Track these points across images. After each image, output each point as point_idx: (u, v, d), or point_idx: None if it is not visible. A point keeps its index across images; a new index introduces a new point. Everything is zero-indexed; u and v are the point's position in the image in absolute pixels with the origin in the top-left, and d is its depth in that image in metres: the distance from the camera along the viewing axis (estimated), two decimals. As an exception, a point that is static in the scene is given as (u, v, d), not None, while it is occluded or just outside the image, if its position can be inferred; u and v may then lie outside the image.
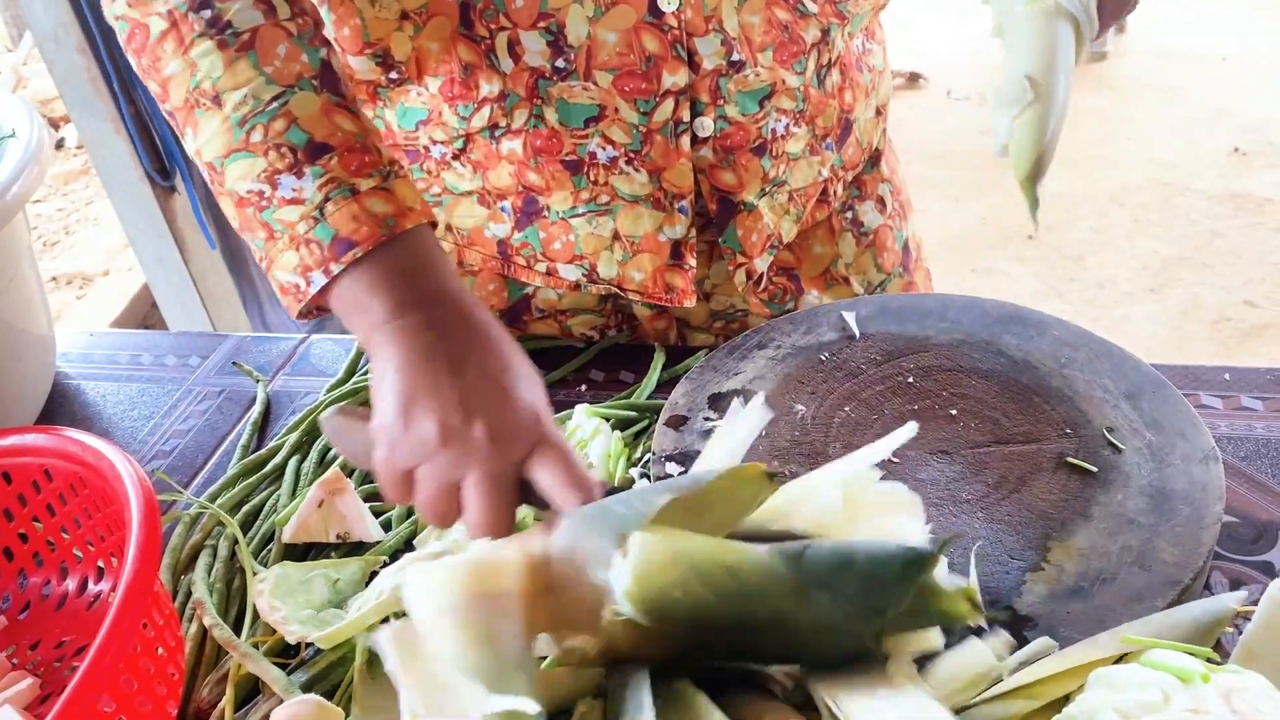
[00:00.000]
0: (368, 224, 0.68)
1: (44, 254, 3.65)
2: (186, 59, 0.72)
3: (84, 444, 0.73)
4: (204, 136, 0.72)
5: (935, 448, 0.78)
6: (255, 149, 0.70)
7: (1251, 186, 3.65)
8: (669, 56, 0.84)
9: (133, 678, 0.61)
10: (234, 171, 0.71)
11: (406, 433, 0.63)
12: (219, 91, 0.71)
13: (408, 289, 0.68)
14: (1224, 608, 0.62)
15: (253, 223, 0.72)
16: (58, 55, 2.34)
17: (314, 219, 0.69)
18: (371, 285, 0.68)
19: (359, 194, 0.69)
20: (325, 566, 0.75)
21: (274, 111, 0.70)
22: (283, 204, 0.70)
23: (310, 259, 0.69)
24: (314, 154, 0.70)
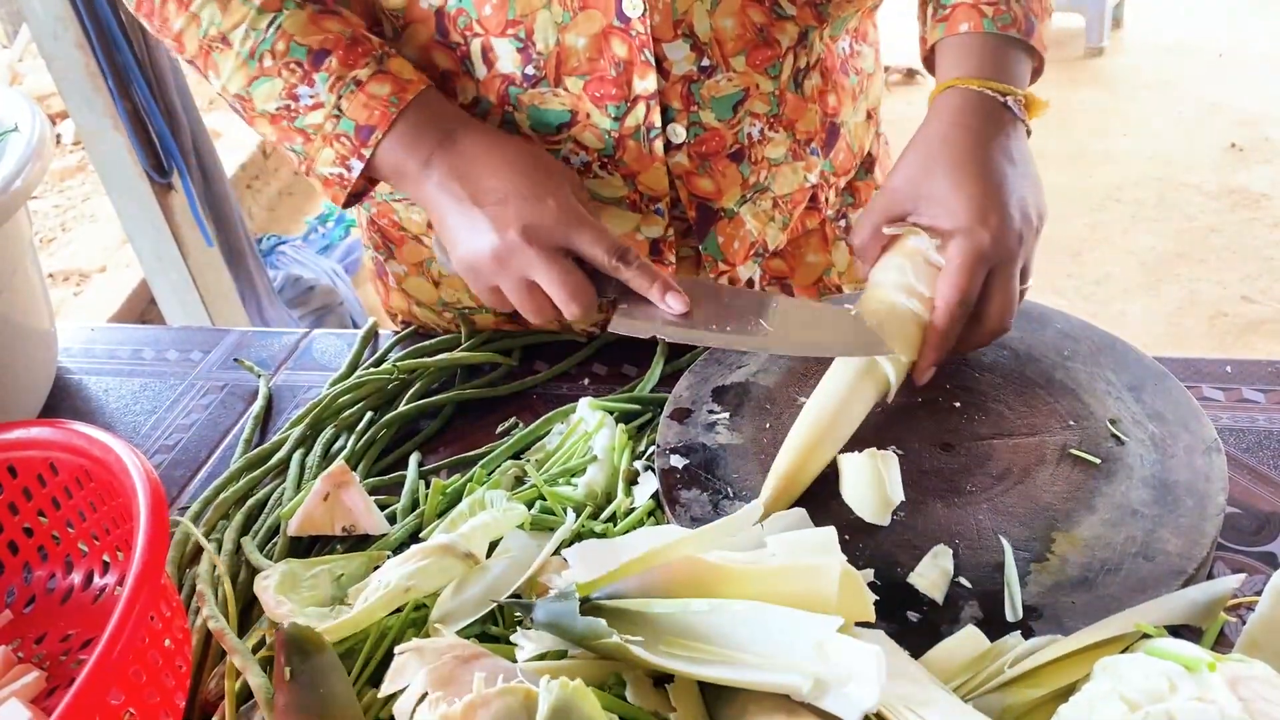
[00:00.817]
0: (378, 107, 0.81)
1: (41, 251, 3.64)
2: (189, 13, 0.83)
3: (90, 437, 0.73)
4: (226, 74, 0.84)
5: (939, 440, 0.78)
6: (270, 72, 0.82)
7: (1248, 182, 3.65)
8: (638, 61, 0.84)
9: (141, 670, 0.61)
10: (260, 95, 0.83)
11: (471, 266, 0.81)
12: (224, 33, 0.82)
13: (429, 145, 0.81)
14: (1222, 590, 0.63)
15: (289, 132, 0.84)
16: (55, 51, 2.33)
17: (335, 116, 0.82)
18: (400, 154, 0.82)
19: (362, 84, 0.82)
20: (330, 562, 0.75)
21: (273, 37, 0.82)
22: (307, 111, 0.82)
23: (344, 150, 0.82)
24: (316, 62, 0.82)
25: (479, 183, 0.80)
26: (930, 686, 0.58)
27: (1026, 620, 0.65)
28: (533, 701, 0.51)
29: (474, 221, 0.79)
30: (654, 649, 0.55)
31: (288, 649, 0.64)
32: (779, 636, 0.54)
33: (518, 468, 0.84)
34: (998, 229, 0.76)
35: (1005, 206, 0.77)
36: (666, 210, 0.92)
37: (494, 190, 0.79)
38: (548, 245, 0.77)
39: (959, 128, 0.80)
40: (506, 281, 0.79)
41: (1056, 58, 4.63)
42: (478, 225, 0.79)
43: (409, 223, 1.01)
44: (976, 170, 0.78)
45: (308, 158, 0.84)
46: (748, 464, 0.78)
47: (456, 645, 0.57)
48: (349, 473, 0.81)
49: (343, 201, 0.85)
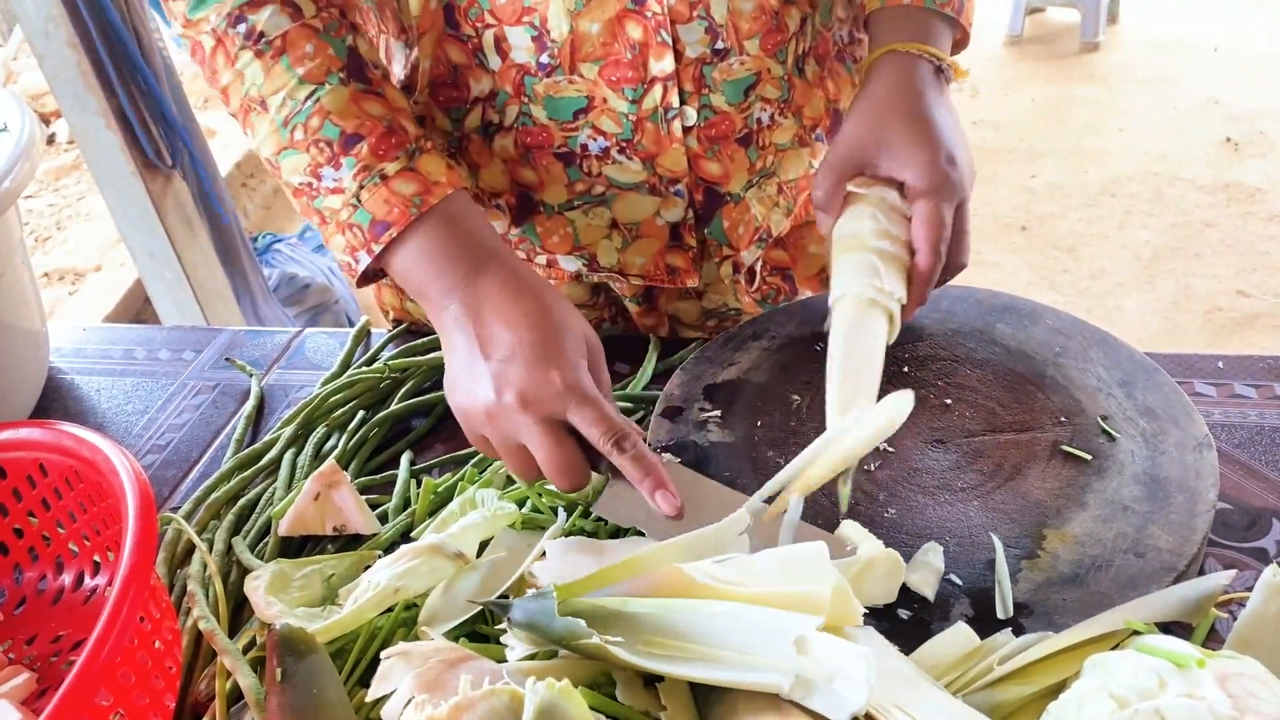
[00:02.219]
0: (399, 205, 0.77)
1: (36, 250, 3.64)
2: (234, 70, 0.80)
3: (79, 438, 0.73)
4: (259, 137, 0.81)
5: (930, 437, 0.78)
6: (299, 146, 0.78)
7: (1242, 176, 3.65)
8: (654, 43, 0.84)
9: (130, 671, 0.61)
10: (286, 166, 0.80)
11: (464, 413, 0.75)
12: (264, 97, 0.79)
13: (455, 275, 0.76)
14: (1212, 586, 0.63)
15: (308, 210, 0.81)
16: (48, 49, 2.33)
17: (352, 206, 0.78)
18: (423, 274, 0.77)
19: (387, 178, 0.77)
20: (321, 562, 0.75)
21: (309, 110, 0.78)
22: (327, 193, 0.78)
23: (355, 241, 0.78)
24: (347, 146, 0.77)
25: (490, 329, 0.74)
26: (921, 684, 0.58)
27: (1017, 617, 0.65)
28: (519, 703, 0.51)
29: (475, 371, 0.74)
30: (634, 649, 0.55)
31: (279, 650, 0.63)
32: (760, 634, 0.54)
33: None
34: (955, 173, 0.81)
35: (955, 153, 0.81)
36: (687, 192, 0.93)
37: (502, 344, 0.73)
38: (543, 415, 0.71)
39: (906, 87, 0.84)
40: (495, 437, 0.73)
41: (1052, 53, 4.64)
42: (478, 376, 0.73)
43: None
44: (928, 124, 0.82)
45: (324, 238, 0.82)
46: (739, 462, 0.78)
47: (443, 648, 0.57)
48: (340, 472, 0.81)
49: (356, 285, 0.83)
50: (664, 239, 0.94)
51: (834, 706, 0.51)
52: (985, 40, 4.82)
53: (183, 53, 0.84)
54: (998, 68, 4.61)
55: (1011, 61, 4.66)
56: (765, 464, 0.77)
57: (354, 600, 0.68)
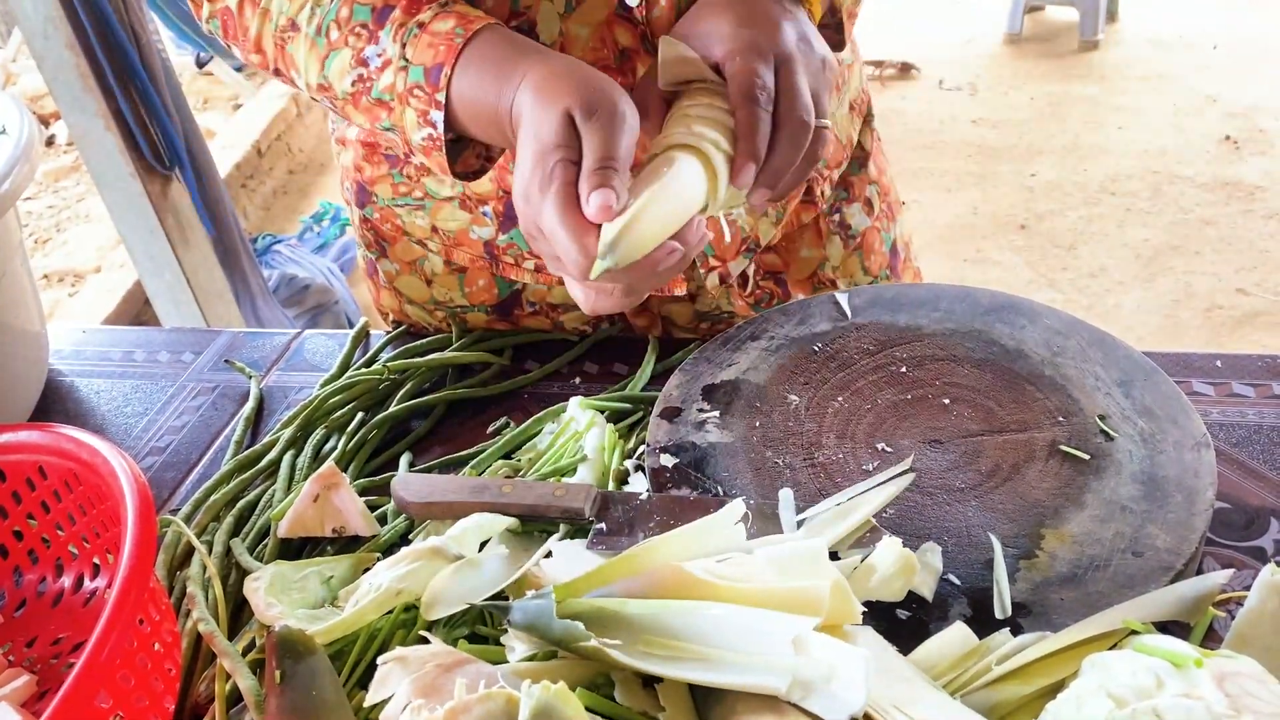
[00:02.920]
0: (443, 42, 0.73)
1: (36, 251, 3.64)
2: (259, 10, 0.79)
3: (78, 440, 0.73)
4: (303, 65, 0.78)
5: (928, 437, 0.78)
6: (338, 44, 0.76)
7: (1242, 174, 3.65)
8: (641, 49, 0.84)
9: (129, 674, 0.61)
10: (334, 74, 0.76)
11: None
12: (292, 19, 0.77)
13: (507, 70, 0.71)
14: (1210, 585, 0.63)
15: (373, 110, 0.76)
16: (47, 51, 2.33)
17: (403, 68, 0.74)
18: (479, 85, 0.72)
19: (425, 25, 0.73)
20: (320, 564, 0.75)
21: (336, 6, 0.76)
22: (378, 73, 0.75)
23: (421, 104, 0.73)
24: (381, 19, 0.75)
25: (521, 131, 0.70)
26: (919, 684, 0.58)
27: (1015, 617, 0.65)
28: (514, 706, 0.51)
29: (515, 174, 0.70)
30: (632, 650, 0.55)
31: (279, 652, 0.63)
32: (758, 635, 0.54)
33: (509, 467, 0.84)
34: (768, 32, 0.73)
35: (773, 20, 0.74)
36: None
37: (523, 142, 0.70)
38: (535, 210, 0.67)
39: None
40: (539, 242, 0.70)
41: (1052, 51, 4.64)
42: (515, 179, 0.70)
43: (413, 227, 1.01)
44: (746, 6, 0.75)
45: (402, 133, 0.76)
46: (737, 462, 0.78)
47: (440, 653, 0.57)
48: (339, 474, 0.81)
49: (453, 171, 0.77)
50: None
51: (832, 708, 0.51)
52: (984, 39, 4.82)
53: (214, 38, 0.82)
54: (997, 66, 4.61)
55: (1010, 60, 4.66)
56: (764, 464, 0.77)
57: (354, 602, 0.68)
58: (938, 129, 4.12)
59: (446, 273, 1.02)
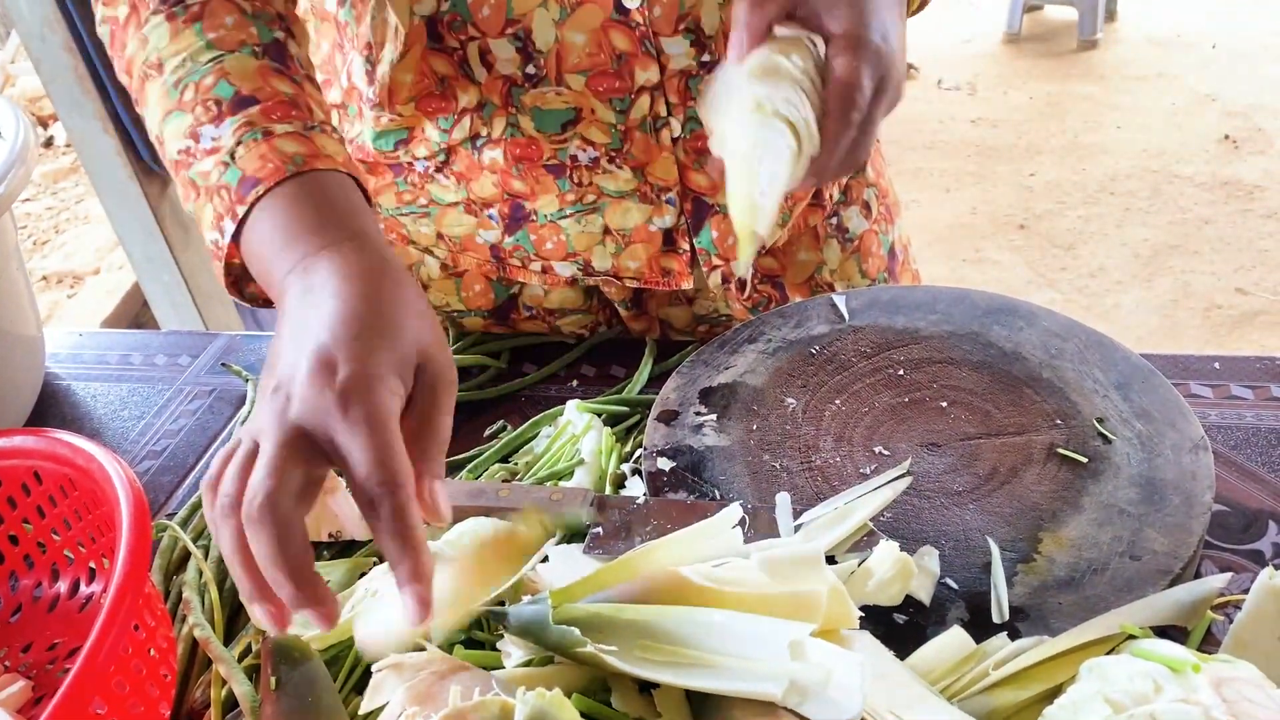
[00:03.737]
0: (274, 160, 0.65)
1: (34, 253, 3.64)
2: (140, 35, 0.72)
3: (73, 445, 0.73)
4: (150, 107, 0.71)
5: (926, 440, 0.78)
6: (185, 107, 0.68)
7: (1241, 173, 3.66)
8: (639, 53, 0.83)
9: (124, 680, 0.60)
10: (169, 134, 0.69)
11: None
12: (162, 60, 0.70)
13: (302, 236, 0.62)
14: (1208, 589, 0.63)
15: (186, 186, 0.69)
16: (44, 53, 2.33)
17: (224, 164, 0.66)
18: (272, 230, 0.63)
19: (272, 135, 0.66)
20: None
21: (206, 70, 0.68)
22: (203, 155, 0.67)
23: (222, 206, 0.66)
24: (237, 106, 0.67)
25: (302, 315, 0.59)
26: (916, 688, 0.58)
27: (1013, 621, 0.65)
28: (509, 713, 0.51)
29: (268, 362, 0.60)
30: (628, 656, 0.55)
31: (274, 657, 0.63)
32: (754, 641, 0.54)
33: (506, 471, 0.84)
34: (885, 49, 0.68)
35: (890, 35, 0.69)
36: (678, 200, 0.92)
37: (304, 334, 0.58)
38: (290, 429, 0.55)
39: None
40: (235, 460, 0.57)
41: (1050, 50, 4.64)
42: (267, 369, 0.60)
43: (418, 236, 1.01)
44: None
45: (197, 219, 0.68)
46: (734, 466, 0.78)
47: (434, 660, 0.57)
48: (336, 478, 0.80)
49: (226, 282, 0.70)
50: (657, 244, 0.94)
51: (828, 713, 0.51)
52: (983, 38, 4.82)
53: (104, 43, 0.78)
54: (996, 65, 4.61)
55: (1009, 59, 4.66)
56: (761, 467, 0.77)
57: (350, 608, 0.68)
58: (936, 129, 4.12)
59: (443, 277, 1.02)
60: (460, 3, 0.82)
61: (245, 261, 0.67)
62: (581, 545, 0.72)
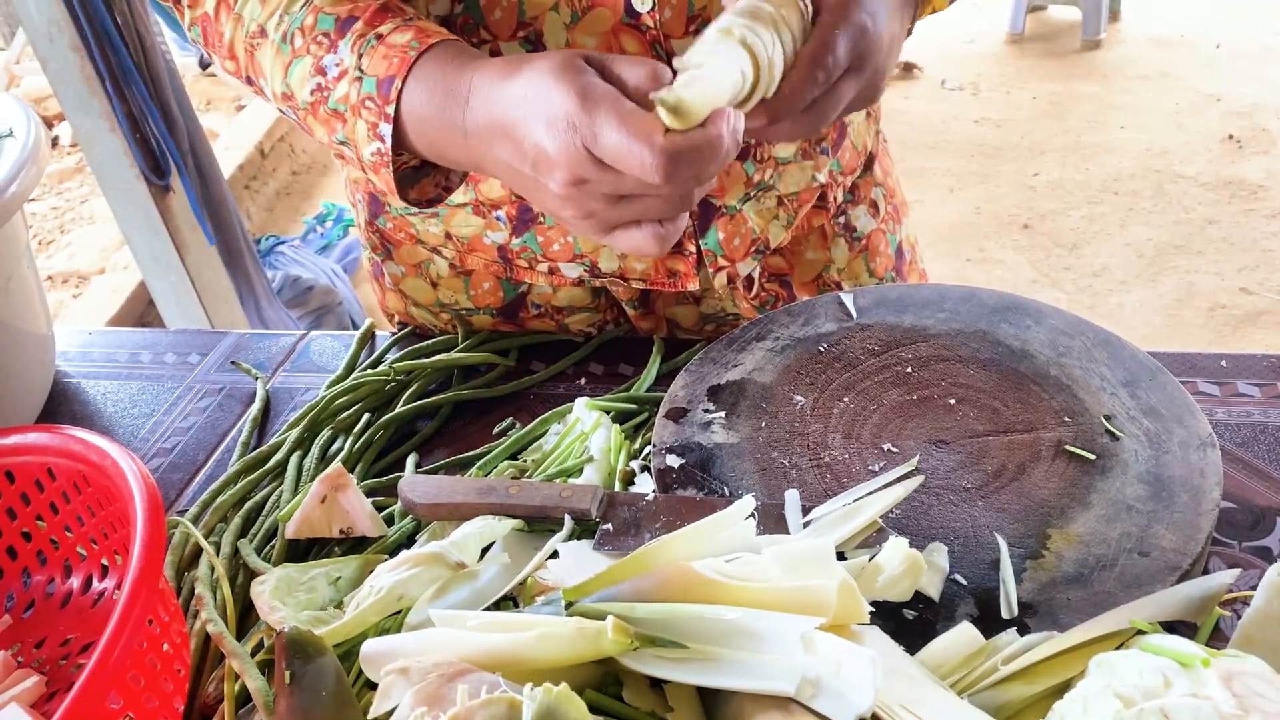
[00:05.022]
0: (397, 55, 0.71)
1: (40, 253, 3.65)
2: (234, 16, 0.79)
3: (86, 442, 0.73)
4: (269, 72, 0.77)
5: (934, 437, 0.78)
6: (300, 52, 0.75)
7: (1245, 173, 3.65)
8: (650, 56, 0.83)
9: (139, 674, 0.61)
10: (297, 83, 0.75)
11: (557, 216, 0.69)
12: (262, 25, 0.77)
13: (455, 83, 0.69)
14: (1216, 585, 0.63)
15: (330, 122, 0.75)
16: (51, 53, 2.33)
17: (358, 79, 0.72)
18: (427, 101, 0.70)
19: (383, 37, 0.72)
20: (326, 565, 0.75)
21: (302, 15, 0.75)
22: (335, 82, 0.73)
23: (372, 115, 0.72)
24: (343, 29, 0.74)
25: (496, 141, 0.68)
26: (926, 684, 0.58)
27: (1022, 617, 0.65)
28: (517, 710, 0.51)
29: (524, 184, 0.69)
30: (640, 654, 0.55)
31: (288, 652, 0.64)
32: (766, 637, 0.54)
33: (515, 468, 0.84)
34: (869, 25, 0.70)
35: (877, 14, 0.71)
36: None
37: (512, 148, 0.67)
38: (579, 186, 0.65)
39: None
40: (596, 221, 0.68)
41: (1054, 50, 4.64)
42: (529, 187, 0.69)
43: (426, 235, 1.01)
44: None
45: (355, 148, 0.75)
46: (743, 463, 0.78)
47: (442, 663, 0.57)
48: (346, 475, 0.81)
49: (406, 196, 0.76)
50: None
51: (840, 708, 0.51)
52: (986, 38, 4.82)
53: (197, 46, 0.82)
54: (999, 65, 4.61)
55: (1013, 59, 4.66)
56: (769, 464, 0.78)
57: (356, 605, 0.68)
58: (940, 129, 4.12)
59: (452, 275, 1.03)
60: (473, 5, 0.82)
61: (412, 144, 0.73)
62: (590, 541, 0.73)
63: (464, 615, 0.61)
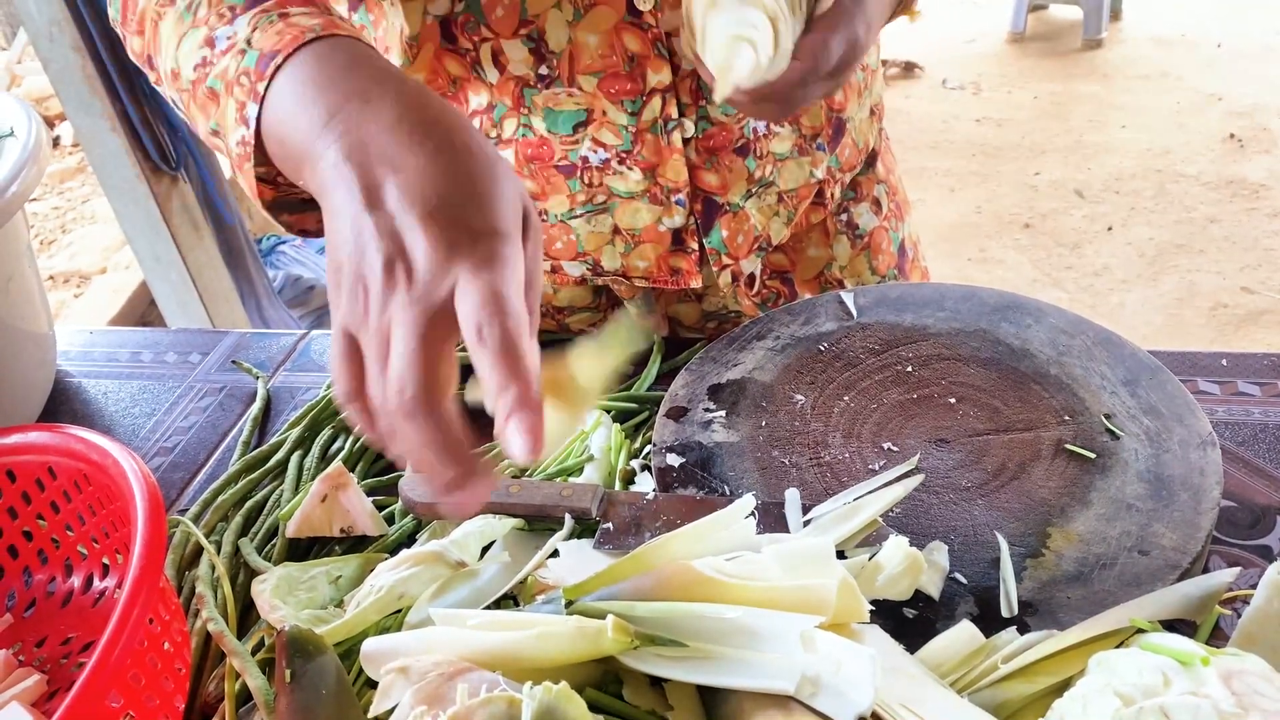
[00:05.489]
0: (292, 32, 0.60)
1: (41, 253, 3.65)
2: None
3: (87, 441, 0.73)
4: (164, 45, 0.67)
5: (934, 436, 0.78)
6: (200, 22, 0.65)
7: (1246, 172, 3.65)
8: (651, 55, 0.84)
9: (140, 673, 0.61)
10: (184, 55, 0.65)
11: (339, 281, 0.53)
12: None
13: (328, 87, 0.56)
14: (1216, 584, 0.63)
15: (206, 106, 0.64)
16: (52, 53, 2.34)
17: (242, 51, 0.61)
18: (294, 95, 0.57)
19: (288, 15, 0.61)
20: (327, 564, 0.75)
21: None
22: (220, 56, 0.63)
23: (242, 93, 0.60)
24: (252, 3, 0.64)
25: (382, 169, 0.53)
26: (926, 682, 0.58)
27: (1022, 616, 0.65)
28: (517, 708, 0.51)
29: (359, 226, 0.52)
30: (640, 652, 0.55)
31: (289, 651, 0.64)
32: (766, 635, 0.54)
33: (515, 467, 0.84)
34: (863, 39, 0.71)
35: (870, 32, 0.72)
36: (688, 200, 0.93)
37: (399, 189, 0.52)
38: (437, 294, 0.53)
39: None
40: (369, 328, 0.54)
41: (1055, 50, 4.64)
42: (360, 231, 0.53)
43: None
44: None
45: (221, 130, 0.63)
46: (744, 462, 0.78)
47: (442, 662, 0.57)
48: (347, 474, 0.81)
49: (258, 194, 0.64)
50: (666, 244, 0.95)
51: (840, 706, 0.51)
52: (987, 38, 4.82)
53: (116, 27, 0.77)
54: (1000, 65, 4.61)
55: (1014, 59, 4.66)
56: (770, 463, 0.78)
57: (356, 604, 0.69)
58: (941, 128, 4.12)
59: (452, 274, 1.02)
60: (474, 3, 0.82)
61: (270, 147, 0.60)
62: (591, 540, 0.73)
63: (464, 614, 0.61)
